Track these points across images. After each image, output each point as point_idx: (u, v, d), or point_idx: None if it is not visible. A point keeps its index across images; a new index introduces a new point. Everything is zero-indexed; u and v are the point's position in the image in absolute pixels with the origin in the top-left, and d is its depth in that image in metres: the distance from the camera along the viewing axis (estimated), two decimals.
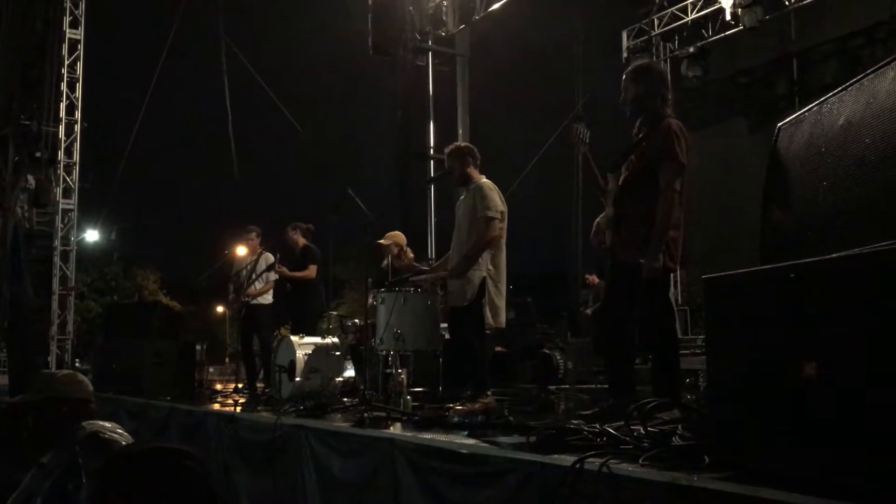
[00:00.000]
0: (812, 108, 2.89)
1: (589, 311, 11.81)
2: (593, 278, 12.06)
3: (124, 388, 8.98)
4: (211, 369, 18.37)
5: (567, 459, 3.09)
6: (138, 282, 37.32)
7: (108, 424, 3.25)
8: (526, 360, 10.67)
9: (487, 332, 5.68)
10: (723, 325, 2.84)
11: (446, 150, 6.02)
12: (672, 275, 5.15)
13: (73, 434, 3.15)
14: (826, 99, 2.81)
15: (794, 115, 3.04)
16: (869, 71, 2.57)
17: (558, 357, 10.18)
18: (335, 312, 7.46)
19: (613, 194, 4.56)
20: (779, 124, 3.10)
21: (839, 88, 2.72)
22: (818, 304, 2.35)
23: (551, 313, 13.85)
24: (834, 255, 2.32)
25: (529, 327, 11.46)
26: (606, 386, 5.55)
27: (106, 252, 33.66)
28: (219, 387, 10.15)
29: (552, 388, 8.83)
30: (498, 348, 11.98)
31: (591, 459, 3.01)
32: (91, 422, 3.23)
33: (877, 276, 2.17)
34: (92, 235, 23.74)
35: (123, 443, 3.16)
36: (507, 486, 3.37)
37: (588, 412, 4.39)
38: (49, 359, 12.19)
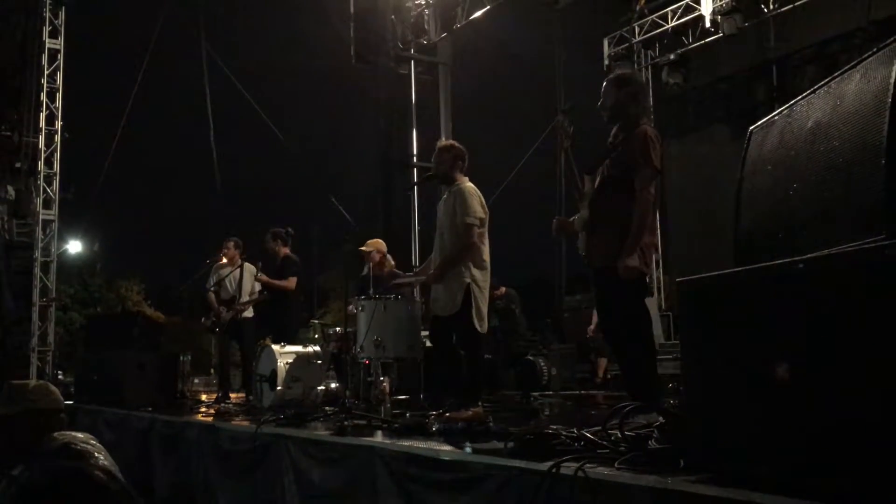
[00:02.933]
0: (783, 110, 2.91)
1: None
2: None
3: (105, 400, 8.90)
4: (196, 380, 18.21)
5: (545, 465, 3.08)
6: (122, 293, 37.04)
7: (80, 435, 3.22)
8: (510, 366, 10.69)
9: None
10: (697, 328, 2.84)
11: (439, 145, 6.00)
12: (648, 279, 5.20)
13: (44, 445, 3.12)
14: (796, 101, 2.83)
15: (765, 118, 3.06)
16: (837, 73, 2.59)
17: (542, 364, 10.19)
18: (317, 321, 7.43)
19: (589, 197, 4.61)
20: (751, 127, 3.12)
21: (808, 91, 2.74)
22: (788, 305, 2.36)
23: (536, 320, 13.87)
24: (804, 257, 2.34)
25: (513, 334, 11.48)
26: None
27: (89, 264, 33.43)
28: (204, 397, 10.09)
29: (536, 394, 8.84)
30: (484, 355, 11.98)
31: (567, 464, 3.00)
32: (62, 433, 3.20)
33: (845, 277, 2.18)
34: (75, 247, 23.53)
35: (95, 453, 3.13)
36: (485, 491, 3.36)
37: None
38: (30, 371, 12.06)
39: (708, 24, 12.17)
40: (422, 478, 3.74)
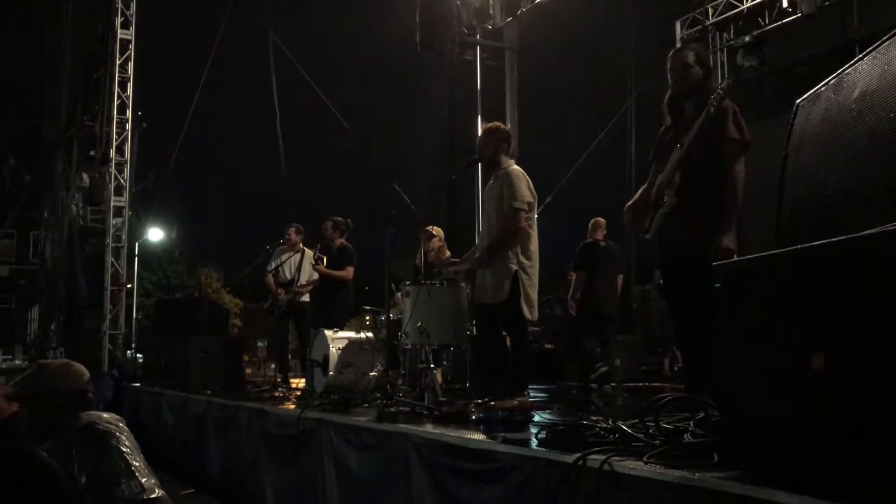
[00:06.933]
0: (829, 81, 2.69)
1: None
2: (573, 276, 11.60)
3: (170, 383, 9.09)
4: (273, 365, 18.37)
5: (572, 457, 2.95)
6: (201, 280, 38.01)
7: (105, 415, 3.24)
8: (572, 357, 10.48)
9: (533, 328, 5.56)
10: (733, 315, 2.65)
11: (484, 127, 5.85)
12: None
13: (71, 424, 3.15)
14: (843, 70, 2.61)
15: (812, 90, 2.83)
16: (885, 38, 2.36)
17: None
18: (368, 307, 7.37)
19: (666, 178, 4.27)
20: (798, 100, 2.90)
21: (855, 59, 2.51)
22: (828, 290, 2.16)
23: None
24: (844, 237, 2.13)
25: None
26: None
27: (170, 251, 34.37)
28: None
29: (594, 385, 8.63)
30: (547, 345, 11.81)
31: (594, 456, 2.86)
32: (88, 413, 3.22)
33: (890, 259, 1.97)
34: (156, 234, 24.15)
35: (118, 434, 3.14)
36: (512, 483, 3.25)
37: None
38: (104, 353, 12.44)
39: (785, 4, 11.63)
40: (452, 467, 3.65)
